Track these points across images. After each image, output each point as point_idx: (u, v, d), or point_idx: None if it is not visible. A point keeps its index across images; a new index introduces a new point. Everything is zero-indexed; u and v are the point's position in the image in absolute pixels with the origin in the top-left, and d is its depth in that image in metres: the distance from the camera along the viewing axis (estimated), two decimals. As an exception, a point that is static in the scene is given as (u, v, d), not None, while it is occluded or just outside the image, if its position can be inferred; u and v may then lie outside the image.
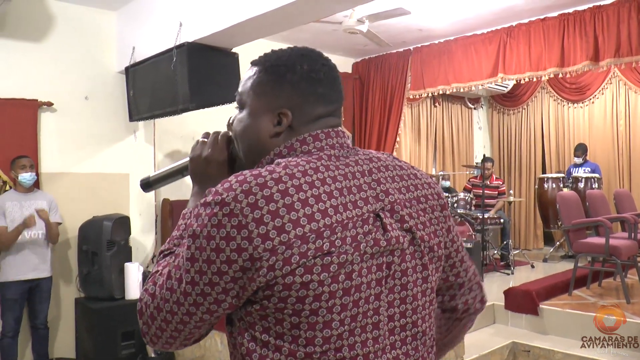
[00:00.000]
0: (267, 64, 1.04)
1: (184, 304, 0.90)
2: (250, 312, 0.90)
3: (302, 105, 1.01)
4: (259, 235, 0.85)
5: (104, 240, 4.39)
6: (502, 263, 6.81)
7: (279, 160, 0.95)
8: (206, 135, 1.16)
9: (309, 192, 0.89)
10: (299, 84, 1.01)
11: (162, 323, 0.93)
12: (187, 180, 1.20)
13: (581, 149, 7.36)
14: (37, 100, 4.60)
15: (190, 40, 4.07)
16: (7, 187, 4.37)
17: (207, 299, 0.89)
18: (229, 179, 0.90)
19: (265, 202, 0.86)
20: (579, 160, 7.35)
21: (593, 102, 8.02)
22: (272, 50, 1.07)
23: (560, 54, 5.22)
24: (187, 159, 1.19)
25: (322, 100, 1.02)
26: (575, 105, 8.22)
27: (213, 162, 1.12)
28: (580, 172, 7.22)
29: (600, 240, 4.95)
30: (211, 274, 0.87)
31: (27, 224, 4.02)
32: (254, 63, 1.07)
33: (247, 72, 1.07)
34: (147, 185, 1.30)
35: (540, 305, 4.70)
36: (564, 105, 8.36)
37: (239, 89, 1.08)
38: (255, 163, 1.03)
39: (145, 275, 4.79)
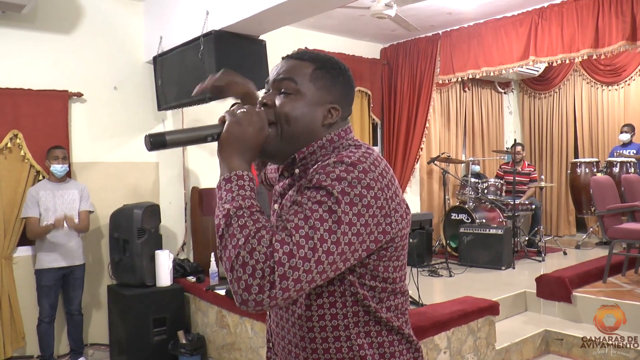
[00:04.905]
0: (325, 63, 1.22)
1: (332, 256, 1.01)
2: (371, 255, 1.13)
3: (344, 104, 1.24)
4: (390, 197, 1.09)
5: (135, 228, 4.45)
6: (529, 250, 6.70)
7: (344, 144, 1.20)
8: (240, 106, 1.17)
9: (390, 171, 1.14)
10: (345, 87, 1.25)
11: (302, 274, 0.98)
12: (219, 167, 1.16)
13: (629, 125, 7.11)
14: (67, 91, 4.67)
15: (217, 28, 4.06)
16: (41, 177, 4.45)
17: (352, 251, 1.04)
18: (347, 155, 1.09)
19: (384, 173, 1.10)
20: (625, 137, 7.02)
21: (629, 84, 7.78)
22: (314, 51, 1.27)
23: (594, 35, 5.05)
24: (216, 125, 1.17)
25: (351, 103, 1.28)
26: (610, 87, 7.98)
27: (264, 133, 1.16)
28: (626, 154, 6.95)
29: (637, 225, 4.83)
30: (360, 225, 1.04)
31: (56, 225, 4.15)
32: (303, 57, 1.22)
33: (293, 63, 1.22)
34: (160, 144, 1.12)
35: (573, 293, 4.60)
36: (597, 88, 8.13)
37: (290, 75, 1.20)
38: (297, 144, 1.19)
39: (176, 263, 4.85)
